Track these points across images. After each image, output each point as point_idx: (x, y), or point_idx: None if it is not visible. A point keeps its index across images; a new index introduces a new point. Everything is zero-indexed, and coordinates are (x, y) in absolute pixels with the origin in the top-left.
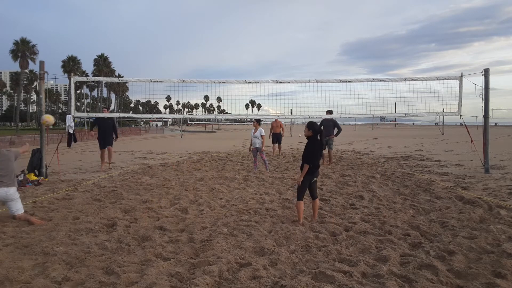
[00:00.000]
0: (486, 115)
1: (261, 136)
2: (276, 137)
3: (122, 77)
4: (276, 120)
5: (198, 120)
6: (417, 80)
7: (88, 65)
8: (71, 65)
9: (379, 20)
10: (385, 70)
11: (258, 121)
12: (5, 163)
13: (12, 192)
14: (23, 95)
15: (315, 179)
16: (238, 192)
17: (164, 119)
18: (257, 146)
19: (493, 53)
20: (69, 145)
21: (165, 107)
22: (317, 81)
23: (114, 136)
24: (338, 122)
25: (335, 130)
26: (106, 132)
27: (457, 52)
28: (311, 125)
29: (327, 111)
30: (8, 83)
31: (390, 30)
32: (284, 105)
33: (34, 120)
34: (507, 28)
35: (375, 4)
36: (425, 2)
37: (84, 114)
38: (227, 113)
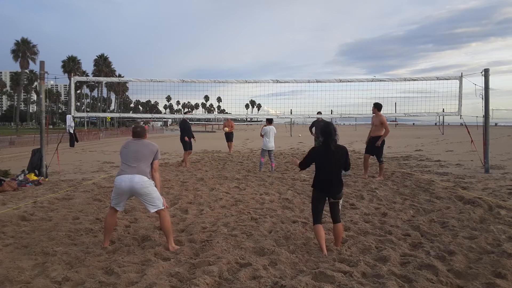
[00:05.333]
0: (486, 115)
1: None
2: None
3: (122, 77)
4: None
5: (198, 120)
6: (417, 80)
7: (88, 65)
8: (71, 65)
9: (377, 21)
10: (383, 70)
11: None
12: None
13: None
14: (23, 95)
15: (332, 200)
16: (238, 192)
17: (164, 119)
18: (272, 149)
19: (491, 54)
20: (72, 145)
21: (165, 107)
22: (317, 81)
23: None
24: (335, 122)
25: None
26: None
27: (454, 53)
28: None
29: (318, 112)
30: (8, 83)
31: (388, 31)
32: (284, 105)
33: (34, 120)
34: (503, 29)
35: (373, 5)
36: (422, 3)
37: (84, 114)
38: (227, 113)
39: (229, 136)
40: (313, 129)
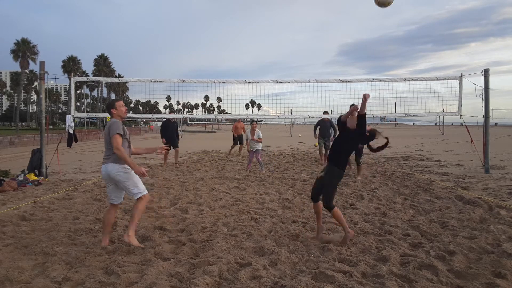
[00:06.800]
0: (486, 115)
1: (259, 138)
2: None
3: (122, 77)
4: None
5: (198, 120)
6: (417, 80)
7: (88, 65)
8: (71, 65)
9: (377, 21)
10: (382, 70)
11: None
12: None
13: None
14: (23, 95)
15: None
16: (238, 192)
17: (164, 119)
18: (258, 148)
19: (490, 54)
20: (69, 145)
21: (165, 107)
22: (317, 81)
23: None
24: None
25: (331, 131)
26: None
27: (454, 53)
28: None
29: (324, 112)
30: (8, 83)
31: (388, 31)
32: (284, 105)
33: (34, 120)
34: (503, 29)
35: (373, 5)
36: (421, 4)
37: (84, 114)
38: (227, 113)
39: (240, 140)
40: (318, 128)
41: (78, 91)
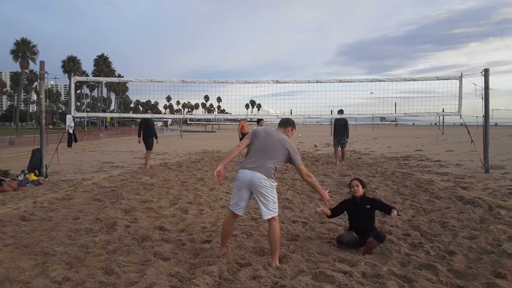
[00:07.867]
0: (486, 115)
1: None
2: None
3: (122, 77)
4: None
5: (198, 120)
6: (417, 80)
7: (88, 65)
8: (71, 65)
9: (376, 21)
10: (382, 70)
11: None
12: None
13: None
14: (23, 95)
15: None
16: None
17: (164, 119)
18: None
19: (490, 54)
20: (69, 145)
21: (165, 107)
22: (317, 81)
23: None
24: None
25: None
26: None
27: (453, 53)
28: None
29: (339, 110)
30: (8, 83)
31: (387, 31)
32: (284, 105)
33: (34, 120)
34: (502, 29)
35: (372, 6)
36: (421, 4)
37: (84, 114)
38: (227, 113)
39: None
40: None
41: (78, 91)
